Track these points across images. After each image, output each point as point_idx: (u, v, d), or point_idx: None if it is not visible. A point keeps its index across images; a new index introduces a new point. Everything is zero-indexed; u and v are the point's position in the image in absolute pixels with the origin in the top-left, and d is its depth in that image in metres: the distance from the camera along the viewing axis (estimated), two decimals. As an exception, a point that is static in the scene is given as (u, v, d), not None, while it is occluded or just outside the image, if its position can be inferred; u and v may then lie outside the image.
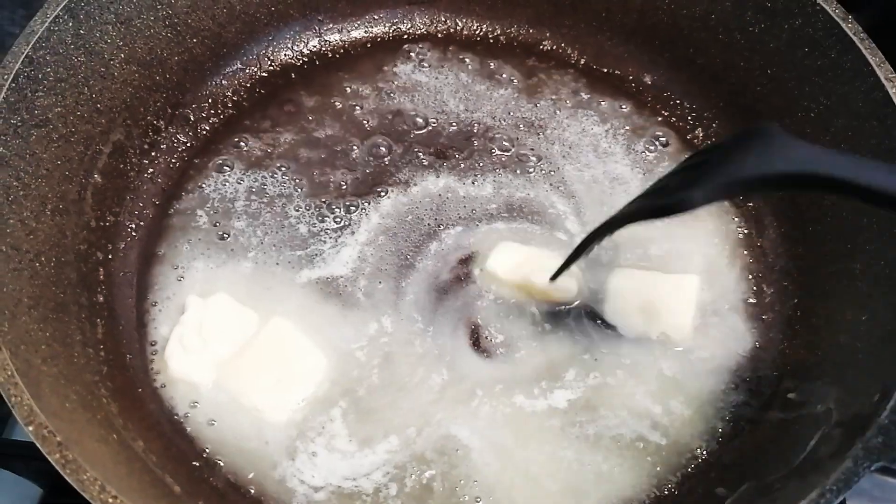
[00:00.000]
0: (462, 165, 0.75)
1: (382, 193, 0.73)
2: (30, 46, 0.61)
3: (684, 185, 0.51)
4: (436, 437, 0.62)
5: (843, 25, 0.66)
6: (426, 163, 0.75)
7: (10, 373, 0.49)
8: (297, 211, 0.71)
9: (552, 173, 0.75)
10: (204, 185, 0.73)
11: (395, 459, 0.61)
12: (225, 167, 0.74)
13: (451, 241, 0.70)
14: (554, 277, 0.64)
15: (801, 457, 0.56)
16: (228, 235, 0.70)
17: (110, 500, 0.46)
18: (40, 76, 0.62)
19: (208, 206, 0.72)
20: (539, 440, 0.62)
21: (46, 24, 0.62)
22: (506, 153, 0.76)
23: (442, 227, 0.71)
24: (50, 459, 0.47)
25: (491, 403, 0.63)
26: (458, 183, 0.74)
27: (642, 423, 0.63)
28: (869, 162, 0.45)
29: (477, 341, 0.66)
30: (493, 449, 0.62)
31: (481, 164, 0.75)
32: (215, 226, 0.70)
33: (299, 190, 0.73)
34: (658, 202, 0.53)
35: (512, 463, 0.61)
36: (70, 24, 0.64)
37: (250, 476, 0.60)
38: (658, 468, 0.62)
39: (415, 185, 0.73)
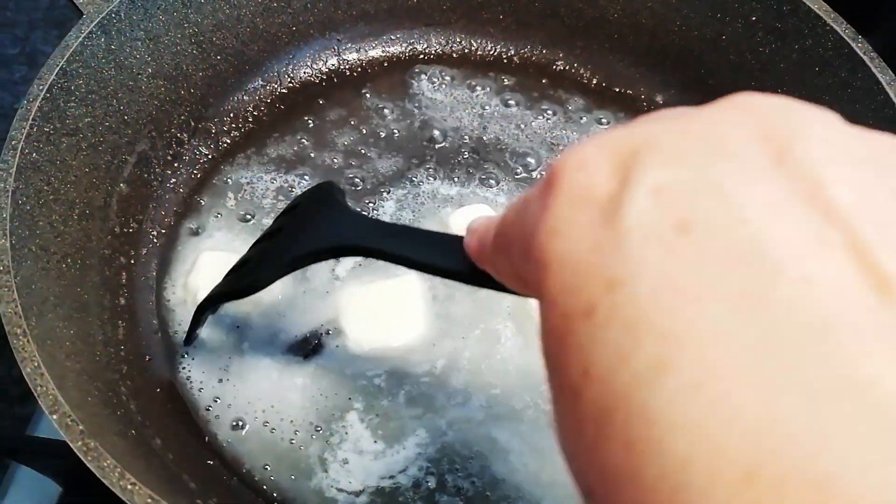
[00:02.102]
0: (475, 180, 0.76)
1: (394, 197, 0.75)
2: (64, 59, 0.64)
3: (257, 264, 0.58)
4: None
5: (853, 45, 0.68)
6: (441, 174, 0.77)
7: (36, 363, 0.51)
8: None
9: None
10: (225, 195, 0.75)
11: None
12: (245, 178, 0.76)
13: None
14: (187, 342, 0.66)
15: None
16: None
17: (129, 487, 0.47)
18: (73, 88, 0.65)
19: (229, 215, 0.74)
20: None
21: (80, 39, 0.65)
22: (519, 168, 0.77)
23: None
24: (73, 447, 0.48)
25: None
26: (471, 194, 0.76)
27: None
28: (393, 228, 0.53)
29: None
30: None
31: (495, 178, 0.77)
32: (235, 234, 0.73)
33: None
34: (237, 284, 0.59)
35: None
36: (102, 39, 0.67)
37: (272, 479, 0.61)
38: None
39: (429, 193, 0.75)
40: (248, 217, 0.74)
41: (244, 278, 0.58)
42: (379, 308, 0.67)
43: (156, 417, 0.62)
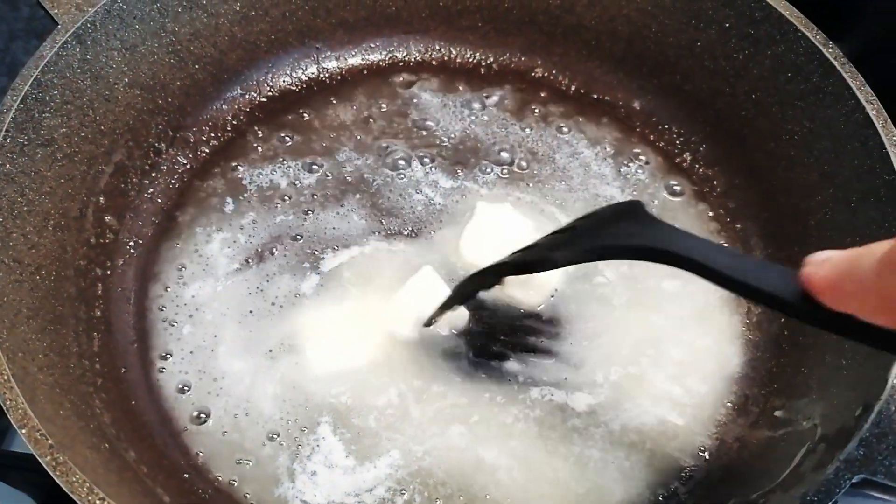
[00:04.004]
0: (454, 182, 0.77)
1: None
2: (38, 70, 0.64)
3: (552, 246, 0.59)
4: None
5: (824, 51, 0.68)
6: (419, 175, 0.77)
7: (6, 377, 0.50)
8: (291, 228, 0.73)
9: (545, 193, 0.77)
10: (203, 205, 0.75)
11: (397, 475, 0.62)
12: (224, 188, 0.76)
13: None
14: (428, 323, 0.66)
15: (786, 472, 0.56)
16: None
17: (98, 502, 0.47)
18: (47, 98, 0.65)
19: (206, 226, 0.74)
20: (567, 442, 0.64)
21: (55, 50, 0.65)
22: (499, 172, 0.78)
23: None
24: (41, 461, 0.48)
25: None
26: (459, 188, 0.77)
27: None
28: (713, 246, 0.51)
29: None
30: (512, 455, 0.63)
31: (474, 181, 0.77)
32: (210, 243, 0.72)
33: (294, 211, 0.75)
34: (525, 258, 0.60)
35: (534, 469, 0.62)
36: (77, 49, 0.67)
37: (245, 494, 0.61)
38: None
39: (414, 187, 0.77)
40: (227, 230, 0.73)
41: (538, 254, 0.59)
42: (337, 331, 0.68)
43: (130, 430, 0.61)
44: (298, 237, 0.73)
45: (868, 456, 0.51)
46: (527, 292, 0.69)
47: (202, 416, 0.64)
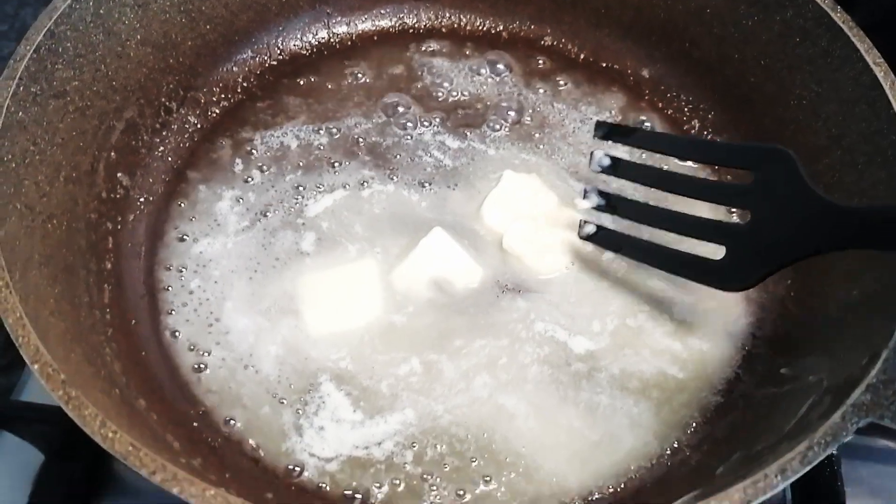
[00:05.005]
0: (462, 143, 0.78)
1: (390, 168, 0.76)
2: (52, 21, 0.64)
3: (736, 263, 0.59)
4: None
5: (833, 15, 0.68)
6: (427, 137, 0.78)
7: (18, 314, 0.51)
8: (302, 188, 0.74)
9: (553, 155, 0.77)
10: (213, 165, 0.75)
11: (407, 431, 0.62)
12: (233, 149, 0.76)
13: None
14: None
15: (792, 423, 0.56)
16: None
17: (110, 435, 0.47)
18: (60, 50, 0.65)
19: (216, 185, 0.74)
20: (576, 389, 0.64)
21: (68, 2, 0.65)
22: (506, 132, 0.79)
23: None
24: (54, 396, 0.48)
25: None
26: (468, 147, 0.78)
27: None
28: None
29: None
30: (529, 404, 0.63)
31: (482, 142, 0.78)
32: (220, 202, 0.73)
33: (303, 171, 0.75)
34: (713, 277, 0.61)
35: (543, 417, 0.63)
36: (91, 3, 0.67)
37: (253, 443, 0.61)
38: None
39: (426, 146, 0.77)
40: (236, 188, 0.74)
41: (722, 279, 0.61)
42: (335, 293, 0.68)
43: (140, 380, 0.62)
44: (307, 197, 0.73)
45: (875, 401, 0.51)
46: (543, 261, 0.70)
47: (208, 368, 0.64)
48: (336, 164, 0.75)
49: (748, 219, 0.60)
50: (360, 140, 0.77)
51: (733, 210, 0.72)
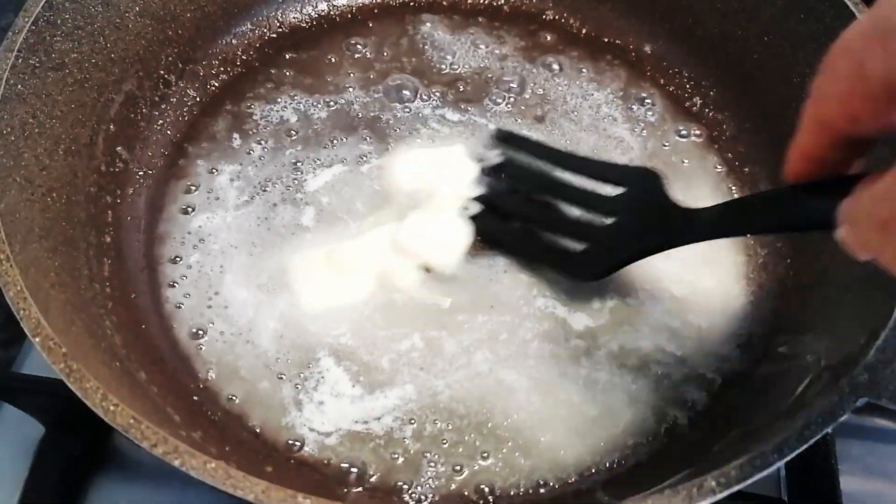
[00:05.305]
0: (462, 115, 0.77)
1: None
2: (50, -9, 0.63)
3: (592, 257, 0.65)
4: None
5: (837, -10, 0.68)
6: (427, 111, 0.78)
7: (19, 288, 0.51)
8: (301, 163, 0.73)
9: (553, 131, 0.77)
10: (212, 139, 0.75)
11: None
12: (232, 122, 0.76)
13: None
14: None
15: (789, 401, 0.57)
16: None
17: (112, 408, 0.47)
18: (59, 21, 0.64)
19: (215, 159, 0.74)
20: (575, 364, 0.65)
21: (66, -27, 0.65)
22: (507, 107, 0.78)
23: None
24: (55, 368, 0.48)
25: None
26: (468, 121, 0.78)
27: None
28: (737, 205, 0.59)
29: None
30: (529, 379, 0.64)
31: (482, 115, 0.78)
32: (219, 176, 0.73)
33: (302, 145, 0.75)
34: (570, 268, 0.67)
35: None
36: (88, -27, 0.67)
37: (253, 418, 0.61)
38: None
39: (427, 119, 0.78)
40: (236, 162, 0.73)
41: (580, 271, 0.67)
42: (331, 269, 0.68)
43: (141, 352, 0.62)
44: (305, 172, 0.73)
45: (873, 381, 0.51)
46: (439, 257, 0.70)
47: (208, 342, 0.64)
48: (335, 140, 0.75)
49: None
50: (359, 114, 0.77)
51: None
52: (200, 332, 0.65)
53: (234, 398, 0.62)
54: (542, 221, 0.70)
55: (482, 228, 0.70)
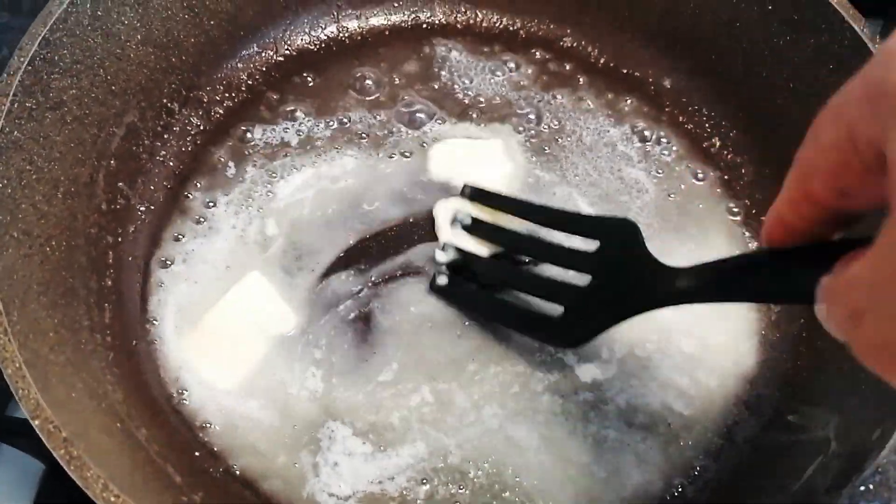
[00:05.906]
0: (482, 133, 0.76)
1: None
2: (47, 28, 0.61)
3: (570, 322, 0.62)
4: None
5: (870, 45, 0.65)
6: (450, 124, 0.77)
7: (18, 365, 0.50)
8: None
9: (566, 169, 0.75)
10: (216, 168, 0.73)
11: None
12: (238, 151, 0.74)
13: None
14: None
15: (798, 485, 0.56)
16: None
17: (112, 499, 0.47)
18: (56, 58, 0.62)
19: (216, 189, 0.72)
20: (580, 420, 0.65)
21: (64, 6, 0.62)
22: (521, 140, 0.76)
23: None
24: (55, 455, 0.48)
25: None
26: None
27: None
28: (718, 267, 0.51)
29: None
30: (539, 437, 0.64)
31: (503, 132, 0.76)
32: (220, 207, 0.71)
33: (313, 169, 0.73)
34: (549, 334, 0.64)
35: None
36: (88, 5, 0.64)
37: (258, 472, 0.61)
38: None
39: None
40: (240, 192, 0.71)
41: (561, 339, 0.64)
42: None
43: (141, 406, 0.61)
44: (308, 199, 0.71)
45: (883, 483, 0.51)
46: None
47: (214, 394, 0.63)
48: (340, 157, 0.73)
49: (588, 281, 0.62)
50: (364, 136, 0.75)
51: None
52: (203, 382, 0.64)
53: (236, 454, 0.61)
54: (515, 285, 0.67)
55: (454, 297, 0.67)
